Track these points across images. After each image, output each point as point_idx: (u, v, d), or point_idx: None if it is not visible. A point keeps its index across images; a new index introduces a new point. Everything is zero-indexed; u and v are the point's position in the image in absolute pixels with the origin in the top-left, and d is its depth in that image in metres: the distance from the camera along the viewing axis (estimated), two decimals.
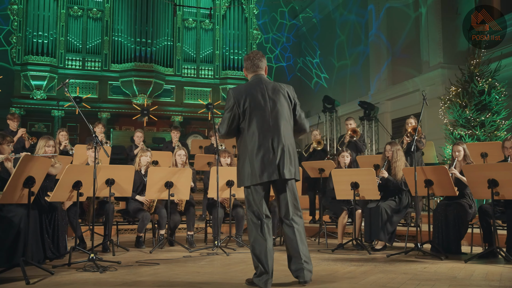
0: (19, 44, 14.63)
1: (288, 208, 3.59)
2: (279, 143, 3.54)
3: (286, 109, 3.66)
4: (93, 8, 15.42)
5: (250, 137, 3.54)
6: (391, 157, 6.19)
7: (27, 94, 14.54)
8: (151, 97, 15.36)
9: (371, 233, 5.91)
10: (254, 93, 3.60)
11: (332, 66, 16.68)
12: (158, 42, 15.45)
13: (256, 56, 3.77)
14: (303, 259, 3.54)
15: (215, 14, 16.52)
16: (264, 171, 3.49)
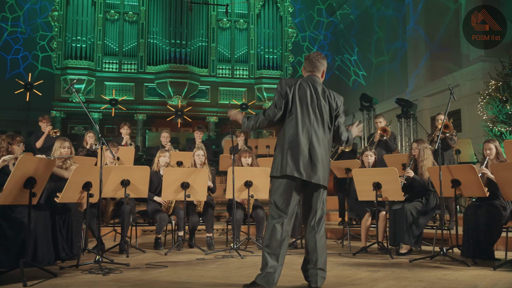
0: (59, 49, 15.04)
1: (314, 213, 3.50)
2: (313, 148, 3.43)
3: (328, 115, 3.55)
4: (129, 12, 15.65)
5: (289, 129, 3.45)
6: (418, 155, 5.84)
7: (67, 97, 14.92)
8: (186, 98, 15.42)
9: (396, 236, 5.59)
10: (304, 87, 3.51)
11: (370, 63, 16.22)
12: (193, 43, 15.49)
13: (316, 57, 3.67)
14: (319, 266, 3.46)
15: (249, 13, 16.39)
16: (295, 166, 3.37)
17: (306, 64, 3.68)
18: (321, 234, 3.49)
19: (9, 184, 3.69)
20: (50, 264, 4.66)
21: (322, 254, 3.47)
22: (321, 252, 3.47)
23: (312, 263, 3.47)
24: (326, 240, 3.65)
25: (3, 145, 4.86)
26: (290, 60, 16.61)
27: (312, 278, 3.46)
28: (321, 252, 3.47)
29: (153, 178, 6.34)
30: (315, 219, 3.48)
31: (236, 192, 6.00)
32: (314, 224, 3.48)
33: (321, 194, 3.51)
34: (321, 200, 3.51)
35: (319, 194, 3.49)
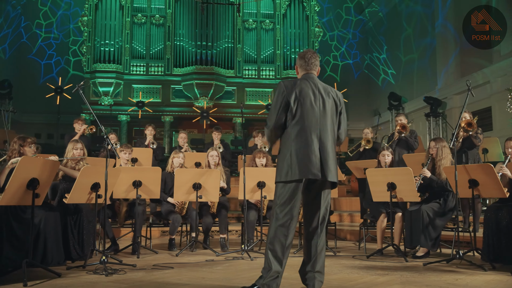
0: (88, 53, 15.35)
1: (318, 214, 3.39)
2: (324, 145, 3.33)
3: (333, 112, 3.46)
4: (155, 15, 15.82)
5: (295, 132, 3.34)
6: (436, 154, 5.63)
7: (96, 100, 15.21)
8: (212, 100, 15.46)
9: (412, 238, 5.40)
10: (305, 88, 3.40)
11: (399, 61, 15.85)
12: (219, 44, 15.52)
13: (311, 55, 3.57)
14: (317, 269, 3.36)
15: (275, 13, 16.29)
16: (306, 167, 3.26)
17: (302, 63, 3.57)
18: (322, 235, 3.38)
19: (11, 185, 3.73)
20: (60, 264, 4.70)
21: (320, 257, 3.37)
22: (320, 255, 3.36)
23: (310, 266, 3.36)
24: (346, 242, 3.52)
25: (15, 147, 4.94)
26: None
27: (310, 282, 3.35)
28: (320, 255, 3.36)
29: (167, 179, 6.35)
30: (318, 220, 3.37)
31: (249, 193, 5.94)
32: (317, 225, 3.37)
33: (328, 193, 3.42)
34: (327, 199, 3.41)
35: (326, 193, 3.40)
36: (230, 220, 7.74)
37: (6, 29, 16.16)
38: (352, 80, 18.41)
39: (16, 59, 16.77)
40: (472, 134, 6.59)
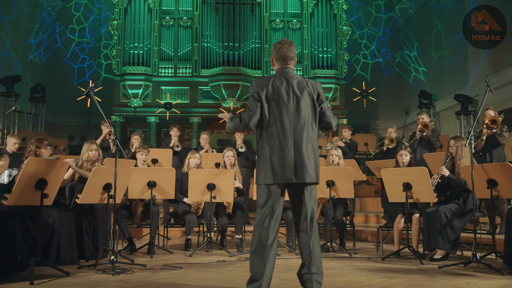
0: (118, 56, 15.64)
1: (305, 213, 3.31)
2: (298, 146, 3.26)
3: (310, 107, 3.36)
4: (183, 17, 15.97)
5: (269, 133, 3.29)
6: (455, 153, 5.44)
7: (125, 102, 15.48)
8: (240, 100, 15.47)
9: (430, 240, 5.23)
10: (278, 86, 3.33)
11: (429, 58, 15.45)
12: (246, 45, 15.52)
13: (286, 47, 3.45)
14: (313, 271, 3.26)
15: (302, 12, 16.17)
16: (280, 171, 3.22)
17: (278, 56, 3.44)
18: (314, 235, 3.29)
19: (18, 186, 3.83)
20: (73, 263, 4.80)
21: (316, 257, 3.27)
22: (315, 255, 3.27)
23: (306, 268, 3.28)
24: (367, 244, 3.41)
25: (32, 149, 5.08)
26: (345, 59, 16.18)
27: (308, 284, 3.27)
28: (315, 255, 3.27)
29: (183, 179, 6.38)
30: (307, 219, 3.29)
31: None
32: (306, 226, 3.29)
33: (312, 191, 3.33)
34: (312, 198, 3.32)
35: (310, 192, 3.31)
36: (251, 220, 7.71)
37: (41, 35, 16.67)
38: (382, 79, 18.08)
39: (51, 64, 17.28)
40: (497, 131, 6.35)
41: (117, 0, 15.79)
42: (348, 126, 8.98)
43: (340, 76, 15.92)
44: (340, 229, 6.18)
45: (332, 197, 5.85)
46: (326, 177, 5.79)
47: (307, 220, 3.29)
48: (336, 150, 6.51)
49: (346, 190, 5.83)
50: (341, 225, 6.12)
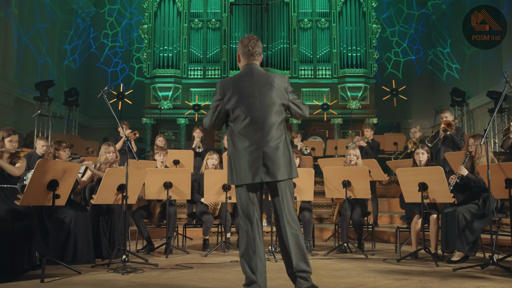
0: (148, 59, 15.94)
1: (281, 211, 3.25)
2: (268, 141, 3.21)
3: (277, 103, 3.31)
4: (212, 19, 16.11)
5: (237, 134, 3.27)
6: (474, 152, 5.28)
7: (156, 104, 15.75)
8: None
9: (448, 242, 5.09)
10: (242, 85, 3.31)
11: (463, 54, 15.01)
12: (274, 45, 15.52)
13: (254, 42, 3.41)
14: (299, 268, 3.19)
15: (330, 11, 16.02)
16: (250, 172, 3.20)
17: (246, 51, 3.40)
18: (293, 231, 3.22)
19: (29, 187, 3.96)
20: (89, 262, 4.94)
21: (298, 254, 3.19)
22: (297, 252, 3.19)
23: (291, 266, 3.20)
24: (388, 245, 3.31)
25: (51, 151, 5.26)
26: (374, 57, 15.93)
27: (294, 282, 3.22)
28: (297, 252, 3.19)
29: (201, 180, 6.44)
30: (285, 216, 3.23)
31: None
32: (284, 222, 3.22)
33: (288, 187, 3.27)
34: (289, 194, 3.27)
35: (286, 188, 3.26)
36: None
37: (76, 41, 17.18)
38: (415, 77, 17.69)
39: (85, 68, 17.77)
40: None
41: (147, 5, 16.09)
42: (370, 125, 8.85)
43: (370, 75, 15.68)
44: (357, 230, 6.10)
45: (348, 198, 5.78)
46: (341, 177, 5.74)
47: (285, 216, 3.22)
48: (354, 149, 6.43)
49: (363, 191, 5.74)
50: (359, 226, 6.04)
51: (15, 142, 4.73)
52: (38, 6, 14.27)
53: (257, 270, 3.17)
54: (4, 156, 4.71)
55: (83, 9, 17.41)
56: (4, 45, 12.02)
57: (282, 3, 15.81)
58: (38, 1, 14.32)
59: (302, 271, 3.19)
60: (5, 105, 11.96)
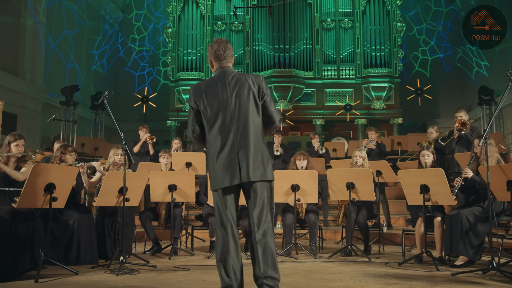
0: (173, 63, 16.19)
1: (251, 215, 3.21)
2: (244, 144, 3.19)
3: (252, 104, 3.27)
4: (234, 22, 16.22)
5: (212, 138, 3.26)
6: (480, 153, 5.13)
7: (180, 107, 15.97)
8: (291, 102, 15.44)
9: (452, 245, 4.96)
10: (215, 89, 3.28)
11: (492, 51, 14.54)
12: (297, 46, 15.47)
13: (224, 45, 3.39)
14: (266, 274, 3.11)
15: (354, 11, 15.85)
16: (226, 175, 3.18)
17: (215, 57, 3.37)
18: (263, 235, 3.14)
19: (25, 190, 4.10)
20: (92, 263, 5.06)
21: (266, 259, 3.11)
22: (264, 258, 3.11)
23: (259, 271, 3.12)
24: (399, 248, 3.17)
25: (57, 155, 5.42)
26: (399, 56, 15.64)
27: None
28: (264, 258, 3.11)
29: (206, 182, 6.50)
30: (254, 220, 3.18)
31: (283, 196, 5.89)
32: (255, 224, 3.17)
33: (263, 189, 3.22)
34: (263, 196, 3.21)
35: (259, 190, 3.20)
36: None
37: (103, 46, 17.62)
38: (443, 75, 17.28)
39: (113, 73, 18.20)
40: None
41: (171, 9, 16.35)
42: (373, 128, 8.77)
43: (394, 74, 15.41)
44: (363, 232, 6.02)
45: (352, 200, 5.72)
46: (345, 179, 5.68)
47: (256, 219, 3.17)
48: (360, 151, 6.35)
49: (367, 192, 5.66)
50: (364, 228, 5.96)
51: (21, 146, 4.90)
52: (66, 14, 14.72)
53: (232, 272, 3.14)
54: (11, 160, 4.90)
55: (111, 15, 17.84)
56: (32, 52, 12.47)
57: (304, 4, 15.75)
58: (66, 8, 14.77)
59: (270, 278, 3.11)
60: (33, 109, 12.40)
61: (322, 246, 6.52)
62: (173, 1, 16.34)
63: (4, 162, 4.86)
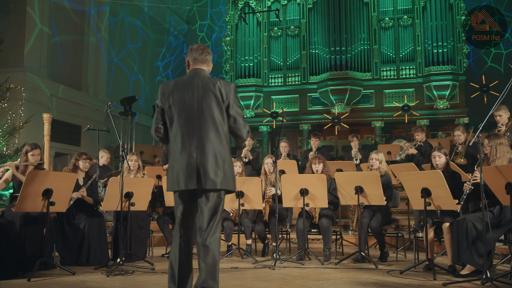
0: (231, 70, 16.53)
1: (202, 221, 3.15)
2: (202, 149, 3.13)
3: (215, 110, 3.20)
4: (290, 26, 16.20)
5: (173, 139, 3.23)
6: (489, 154, 4.73)
7: None
8: (349, 105, 15.11)
9: (459, 253, 4.62)
10: (182, 90, 3.24)
11: None
12: (354, 48, 15.12)
13: (199, 48, 3.38)
14: (203, 285, 3.06)
15: (413, 7, 15.18)
16: (182, 178, 3.13)
17: (193, 59, 3.34)
18: (206, 243, 3.08)
19: (21, 194, 4.44)
20: (101, 265, 5.32)
21: (206, 269, 3.06)
22: (205, 267, 3.06)
23: (199, 280, 3.07)
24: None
25: (72, 161, 5.81)
26: (464, 52, 14.71)
27: None
28: (205, 267, 3.06)
29: None
30: (201, 227, 3.12)
31: (292, 201, 5.82)
32: (203, 231, 3.11)
33: (217, 197, 3.15)
34: (216, 204, 3.15)
35: (215, 197, 3.14)
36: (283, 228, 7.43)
37: (168, 57, 18.42)
38: None
39: None
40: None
41: (229, 17, 16.70)
42: (420, 127, 8.27)
43: (459, 71, 14.52)
44: (377, 238, 5.78)
45: (361, 204, 5.52)
46: (353, 182, 5.50)
47: (202, 229, 3.12)
48: (377, 154, 6.10)
49: (376, 197, 5.43)
50: (378, 234, 5.70)
51: (37, 155, 5.31)
52: (129, 29, 15.61)
53: (178, 279, 3.12)
54: (29, 168, 5.32)
55: (175, 27, 18.61)
56: (95, 67, 13.37)
57: (361, 4, 15.37)
58: (129, 24, 15.65)
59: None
60: (96, 120, 13.26)
61: (342, 252, 6.33)
62: (231, 9, 16.69)
63: (22, 170, 5.29)
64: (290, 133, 16.33)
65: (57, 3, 12.13)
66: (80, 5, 12.95)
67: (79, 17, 12.98)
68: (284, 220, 6.56)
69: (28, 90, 10.62)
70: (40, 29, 11.19)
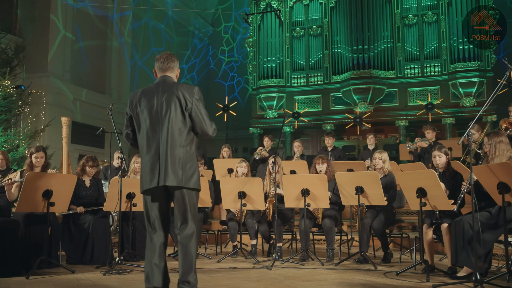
0: (254, 71, 16.57)
1: (176, 219, 3.35)
2: (164, 149, 3.30)
3: (178, 112, 3.36)
4: (313, 26, 16.12)
5: (140, 142, 3.43)
6: (489, 152, 4.60)
7: (262, 114, 16.28)
8: (372, 104, 14.91)
9: (457, 255, 4.51)
10: (149, 95, 3.42)
11: None
12: (376, 46, 14.91)
13: (162, 57, 3.57)
14: (183, 278, 3.24)
15: (438, 3, 14.83)
16: (147, 177, 3.32)
17: (158, 68, 3.53)
18: (183, 239, 3.26)
19: (21, 195, 4.60)
20: (105, 264, 5.46)
21: (185, 264, 3.22)
22: (183, 262, 3.22)
23: (179, 275, 3.24)
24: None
25: (80, 164, 5.99)
26: (492, 47, 14.26)
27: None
28: (183, 262, 3.22)
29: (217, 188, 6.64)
30: (178, 222, 3.31)
31: (294, 201, 5.81)
32: (178, 228, 3.31)
33: (183, 194, 3.29)
34: (185, 201, 3.29)
35: (180, 195, 3.28)
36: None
37: (193, 59, 18.66)
38: None
39: (204, 84, 19.14)
40: None
41: (252, 19, 16.74)
42: (431, 126, 8.09)
43: (486, 67, 14.09)
44: (380, 239, 5.69)
45: (361, 204, 5.46)
46: (354, 182, 5.44)
47: (177, 225, 3.29)
48: (380, 153, 6.00)
49: (377, 197, 5.36)
50: (380, 235, 5.62)
51: (40, 158, 5.50)
52: (152, 32, 15.90)
53: (152, 277, 3.26)
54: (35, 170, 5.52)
55: (200, 29, 18.83)
56: (118, 71, 13.69)
57: (384, 1, 15.14)
58: (153, 28, 15.95)
59: (186, 282, 3.21)
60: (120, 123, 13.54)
61: (349, 252, 6.26)
62: (253, 10, 16.74)
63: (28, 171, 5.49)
64: (313, 133, 16.27)
65: (81, 10, 12.49)
66: (103, 11, 13.29)
67: (102, 23, 13.32)
68: (289, 221, 6.55)
69: (51, 94, 10.98)
70: (64, 35, 11.56)
